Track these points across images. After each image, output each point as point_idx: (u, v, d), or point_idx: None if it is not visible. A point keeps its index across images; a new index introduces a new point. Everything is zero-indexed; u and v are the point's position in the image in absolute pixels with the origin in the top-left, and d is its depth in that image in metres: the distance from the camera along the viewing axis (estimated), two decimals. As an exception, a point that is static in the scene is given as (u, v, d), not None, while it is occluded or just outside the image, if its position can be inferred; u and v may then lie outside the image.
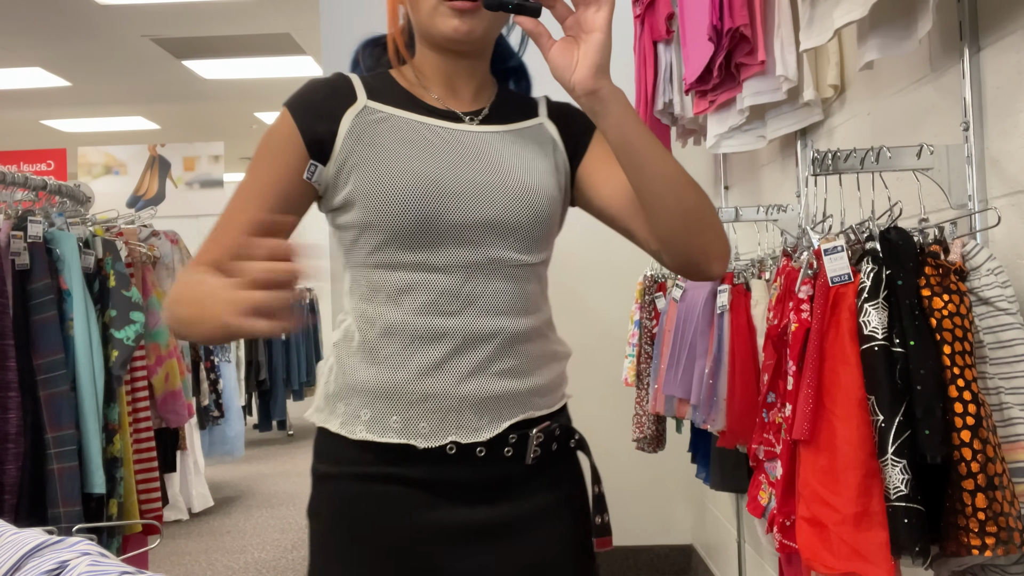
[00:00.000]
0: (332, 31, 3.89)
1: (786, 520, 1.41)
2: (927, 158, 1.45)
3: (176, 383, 2.85)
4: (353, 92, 1.16)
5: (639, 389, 2.92)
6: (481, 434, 1.10)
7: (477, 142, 1.15)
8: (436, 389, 1.09)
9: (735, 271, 2.14)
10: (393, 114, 1.15)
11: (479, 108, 1.20)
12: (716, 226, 1.11)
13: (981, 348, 1.26)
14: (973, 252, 1.28)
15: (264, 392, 7.43)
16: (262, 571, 4.09)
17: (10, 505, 2.12)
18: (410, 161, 1.11)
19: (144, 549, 2.51)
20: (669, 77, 2.67)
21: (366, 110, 1.14)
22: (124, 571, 0.58)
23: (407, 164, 1.10)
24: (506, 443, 1.11)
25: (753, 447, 1.57)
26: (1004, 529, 1.16)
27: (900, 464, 1.22)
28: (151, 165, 7.74)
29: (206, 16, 5.85)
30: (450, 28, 1.11)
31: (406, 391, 1.09)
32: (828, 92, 1.98)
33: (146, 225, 2.96)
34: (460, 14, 1.11)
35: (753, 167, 2.69)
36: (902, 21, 1.46)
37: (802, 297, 1.39)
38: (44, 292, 2.25)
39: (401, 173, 1.09)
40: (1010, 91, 1.34)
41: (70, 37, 6.16)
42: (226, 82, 7.46)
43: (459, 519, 1.11)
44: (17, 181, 2.43)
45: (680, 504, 3.78)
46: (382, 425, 1.09)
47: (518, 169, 1.15)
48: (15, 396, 2.14)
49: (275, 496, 5.71)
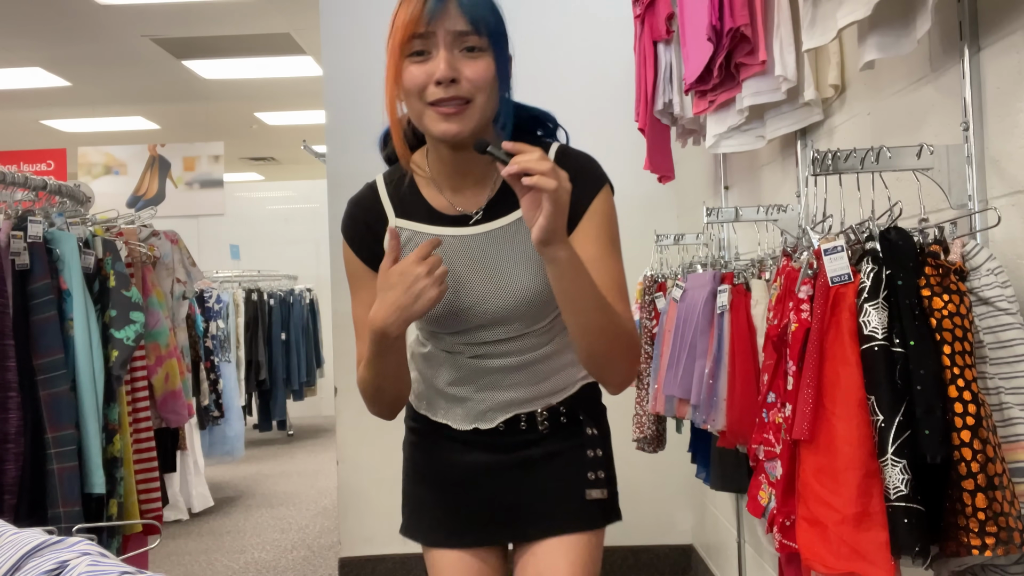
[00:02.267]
0: (332, 31, 3.89)
1: (786, 520, 1.41)
2: (927, 158, 1.45)
3: (176, 383, 2.85)
4: (383, 214, 1.46)
5: (639, 389, 2.92)
6: (496, 423, 1.50)
7: (483, 246, 1.41)
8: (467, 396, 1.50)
9: (735, 271, 2.14)
10: (416, 231, 1.43)
11: (484, 201, 1.42)
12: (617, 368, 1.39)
13: (981, 348, 1.26)
14: (973, 252, 1.28)
15: (264, 392, 7.43)
16: (262, 571, 4.09)
17: (10, 505, 2.12)
18: None
19: (144, 549, 2.51)
20: (669, 77, 2.67)
21: (400, 230, 1.42)
22: (124, 571, 0.58)
23: None
24: (519, 422, 1.50)
25: (753, 447, 1.57)
26: (1004, 529, 1.16)
27: (900, 464, 1.22)
28: (151, 165, 7.73)
29: (206, 16, 5.85)
30: (439, 131, 1.32)
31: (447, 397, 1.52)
32: (829, 92, 1.98)
33: (146, 225, 2.96)
34: (447, 118, 1.31)
35: (753, 167, 2.69)
36: (901, 21, 1.46)
37: (802, 297, 1.39)
38: (44, 292, 2.24)
39: None
40: (1010, 91, 1.34)
41: (70, 37, 6.17)
42: (226, 82, 7.46)
43: (488, 460, 1.52)
44: (17, 181, 2.43)
45: (680, 504, 3.78)
46: (432, 412, 1.55)
47: (515, 266, 1.41)
48: (15, 396, 2.14)
49: (275, 496, 5.71)
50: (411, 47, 1.31)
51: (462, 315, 1.41)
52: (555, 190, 1.19)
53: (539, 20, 3.70)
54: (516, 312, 1.41)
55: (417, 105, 1.32)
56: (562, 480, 1.51)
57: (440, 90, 1.29)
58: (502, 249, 1.40)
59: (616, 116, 3.56)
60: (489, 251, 1.40)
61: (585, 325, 1.32)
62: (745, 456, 2.11)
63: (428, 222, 1.42)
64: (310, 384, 7.94)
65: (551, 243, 1.24)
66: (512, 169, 1.20)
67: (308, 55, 6.70)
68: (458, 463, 1.54)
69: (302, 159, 9.91)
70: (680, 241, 2.93)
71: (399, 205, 1.45)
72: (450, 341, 1.48)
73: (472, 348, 1.46)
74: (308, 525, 4.91)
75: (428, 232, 1.41)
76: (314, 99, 7.17)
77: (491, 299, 1.40)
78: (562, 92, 3.81)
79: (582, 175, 1.38)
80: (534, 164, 1.19)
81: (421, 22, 1.29)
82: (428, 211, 1.43)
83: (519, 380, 1.47)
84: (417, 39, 1.30)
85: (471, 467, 1.53)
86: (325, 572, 4.00)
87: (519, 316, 1.42)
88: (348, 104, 3.80)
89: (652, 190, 3.48)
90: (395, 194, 1.45)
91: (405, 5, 1.32)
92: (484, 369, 1.47)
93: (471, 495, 1.54)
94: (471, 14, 1.30)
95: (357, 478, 3.79)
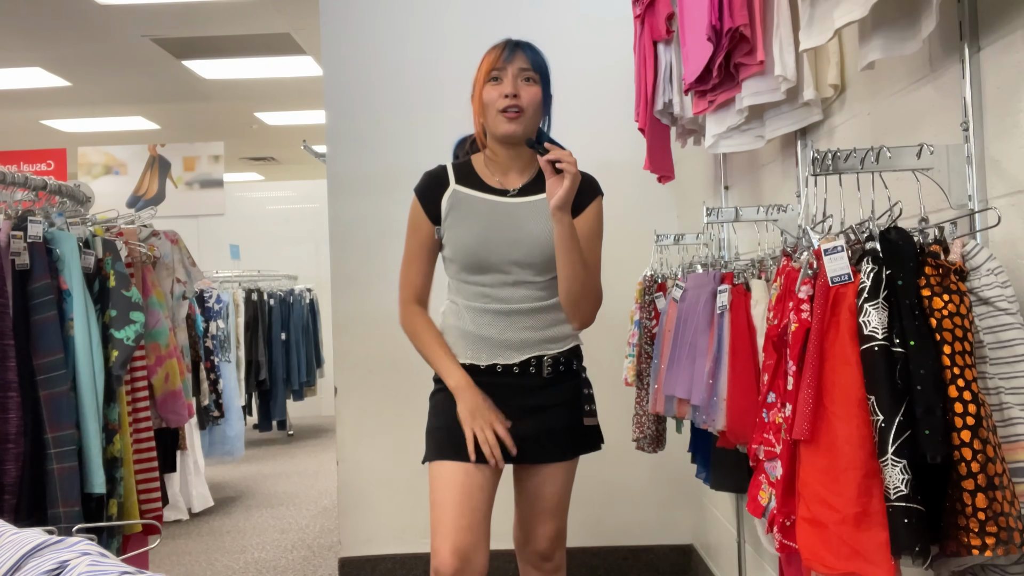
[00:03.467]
0: (332, 31, 3.89)
1: (786, 520, 1.41)
2: (927, 158, 1.45)
3: (176, 383, 2.85)
4: (447, 180, 2.13)
5: (639, 389, 2.92)
6: (513, 360, 2.07)
7: (513, 210, 2.10)
8: (489, 335, 2.07)
9: (735, 271, 2.14)
10: (468, 195, 2.11)
11: (520, 184, 2.13)
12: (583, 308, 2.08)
13: (981, 348, 1.26)
14: (973, 252, 1.28)
15: (264, 392, 7.42)
16: (262, 571, 4.09)
17: (10, 505, 2.12)
18: (472, 227, 2.08)
19: (144, 549, 2.51)
20: (669, 77, 2.67)
21: (454, 193, 2.11)
22: (124, 571, 0.58)
23: (470, 229, 2.07)
24: (529, 364, 2.08)
25: (753, 447, 1.57)
26: (1004, 529, 1.16)
27: (900, 464, 1.22)
28: (151, 165, 7.73)
29: (206, 16, 5.85)
30: (503, 130, 2.06)
31: (474, 336, 2.08)
32: (828, 92, 1.98)
33: (146, 225, 2.96)
34: (509, 121, 2.04)
35: (753, 167, 2.69)
36: (904, 21, 1.46)
37: (802, 297, 1.39)
38: (44, 292, 2.24)
39: (467, 235, 2.07)
40: (1010, 91, 1.34)
41: (70, 37, 6.17)
42: (226, 82, 7.46)
43: (506, 405, 2.05)
44: (17, 181, 2.43)
45: (680, 504, 3.77)
46: (461, 352, 2.10)
47: (535, 228, 2.07)
48: (15, 396, 2.14)
49: (275, 496, 5.71)
50: (490, 76, 2.05)
51: (495, 254, 2.04)
52: (575, 175, 1.95)
53: (539, 20, 3.70)
54: (529, 257, 2.05)
55: (491, 112, 2.05)
56: (565, 414, 2.10)
57: (507, 101, 2.02)
58: (528, 215, 2.08)
59: (616, 116, 3.56)
60: (519, 214, 2.08)
61: (570, 271, 2.02)
62: (745, 456, 2.11)
63: (479, 190, 2.11)
64: (310, 384, 7.94)
65: (563, 209, 1.97)
66: (552, 156, 1.94)
67: (308, 55, 6.70)
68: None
69: (302, 159, 9.92)
70: (680, 241, 2.93)
71: (460, 177, 2.13)
72: (478, 291, 2.07)
73: (497, 291, 2.06)
74: (308, 525, 4.91)
75: (475, 196, 2.10)
76: (314, 99, 7.17)
77: (516, 245, 2.05)
78: (562, 92, 3.80)
79: (588, 183, 2.11)
80: (566, 156, 1.96)
81: (500, 61, 2.05)
82: (480, 183, 2.12)
83: (530, 324, 2.07)
84: (495, 71, 2.06)
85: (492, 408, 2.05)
86: (325, 572, 4.01)
87: (531, 262, 2.05)
88: (348, 104, 3.79)
89: (652, 190, 3.47)
90: (458, 171, 2.15)
91: (491, 52, 2.07)
92: (504, 312, 2.05)
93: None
94: (532, 59, 2.07)
95: (357, 478, 3.79)
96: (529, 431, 2.06)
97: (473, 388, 2.03)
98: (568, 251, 1.99)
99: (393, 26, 3.85)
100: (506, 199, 2.10)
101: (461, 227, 2.07)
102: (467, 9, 3.79)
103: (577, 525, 3.77)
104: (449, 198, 2.09)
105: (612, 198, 4.02)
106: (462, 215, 2.08)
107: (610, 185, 3.93)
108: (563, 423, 2.10)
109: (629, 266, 3.30)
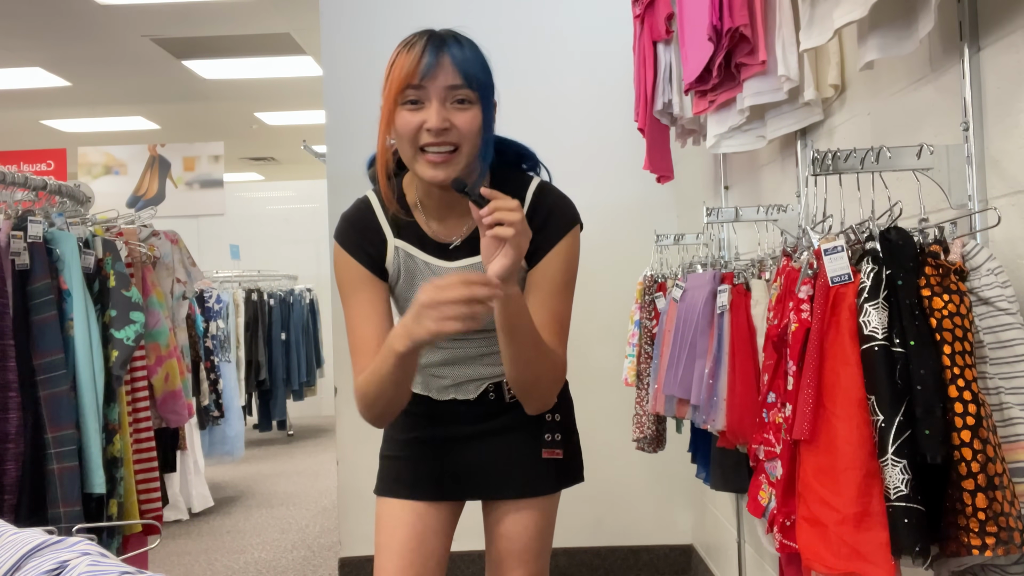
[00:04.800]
0: (332, 31, 3.89)
1: (786, 520, 1.41)
2: (927, 158, 1.45)
3: (176, 383, 2.85)
4: (382, 231, 1.59)
5: (639, 389, 2.92)
6: (470, 395, 1.68)
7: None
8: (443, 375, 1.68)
9: (735, 271, 2.14)
10: (410, 256, 1.59)
11: (464, 230, 1.57)
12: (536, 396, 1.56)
13: (981, 348, 1.26)
14: (973, 252, 1.28)
15: (264, 392, 7.42)
16: (262, 571, 4.09)
17: (10, 505, 2.12)
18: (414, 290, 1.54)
19: (144, 549, 2.51)
20: (669, 77, 2.67)
21: (397, 253, 1.59)
22: (124, 571, 0.58)
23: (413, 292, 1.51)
24: (488, 394, 1.68)
25: (753, 447, 1.57)
26: (1004, 529, 1.16)
27: (900, 464, 1.22)
28: (151, 165, 7.73)
29: (206, 16, 5.85)
30: (428, 176, 1.46)
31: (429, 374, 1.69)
32: (829, 92, 1.98)
33: (146, 225, 2.96)
34: (435, 165, 1.45)
35: (753, 167, 2.69)
36: (902, 21, 1.46)
37: (802, 297, 1.39)
38: (44, 292, 2.24)
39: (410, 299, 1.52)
40: (1010, 91, 1.34)
41: (70, 37, 6.16)
42: (226, 82, 7.46)
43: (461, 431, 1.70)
44: (17, 181, 2.43)
45: (680, 504, 3.77)
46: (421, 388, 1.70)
47: None
48: (15, 396, 2.14)
49: (275, 496, 5.71)
50: (405, 96, 1.44)
51: None
52: (518, 241, 1.35)
53: (539, 20, 3.70)
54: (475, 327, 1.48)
55: (408, 149, 1.46)
56: (521, 442, 1.70)
57: (431, 136, 1.43)
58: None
59: (616, 116, 3.56)
60: None
61: (515, 355, 1.48)
62: (745, 456, 2.11)
63: (419, 246, 1.59)
64: (310, 384, 7.94)
65: (506, 282, 1.37)
66: (488, 214, 1.34)
67: (308, 55, 6.70)
68: (426, 430, 1.72)
69: (302, 159, 9.91)
70: (680, 241, 2.93)
71: (395, 225, 1.60)
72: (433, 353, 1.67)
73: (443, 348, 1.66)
74: (308, 525, 4.91)
75: (418, 258, 1.59)
76: (314, 99, 7.17)
77: None
78: (562, 92, 3.82)
79: (555, 214, 1.56)
80: (507, 215, 1.34)
81: (416, 75, 1.42)
82: (420, 236, 1.59)
83: (490, 361, 1.66)
84: (411, 89, 1.43)
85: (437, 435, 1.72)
86: (325, 572, 4.00)
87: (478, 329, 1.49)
88: (348, 104, 3.79)
89: (652, 190, 3.47)
90: (391, 217, 1.59)
91: (403, 56, 1.45)
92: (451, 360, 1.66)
93: (431, 455, 1.71)
94: (463, 69, 1.44)
95: (357, 478, 3.79)
96: (483, 455, 1.70)
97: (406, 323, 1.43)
98: (511, 333, 1.45)
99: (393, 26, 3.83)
100: (447, 263, 1.58)
101: (404, 299, 1.62)
102: (467, 9, 3.79)
103: (577, 525, 3.78)
104: (393, 259, 1.59)
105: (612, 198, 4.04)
106: (407, 285, 1.61)
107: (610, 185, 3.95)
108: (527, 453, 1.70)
109: (629, 266, 3.30)
